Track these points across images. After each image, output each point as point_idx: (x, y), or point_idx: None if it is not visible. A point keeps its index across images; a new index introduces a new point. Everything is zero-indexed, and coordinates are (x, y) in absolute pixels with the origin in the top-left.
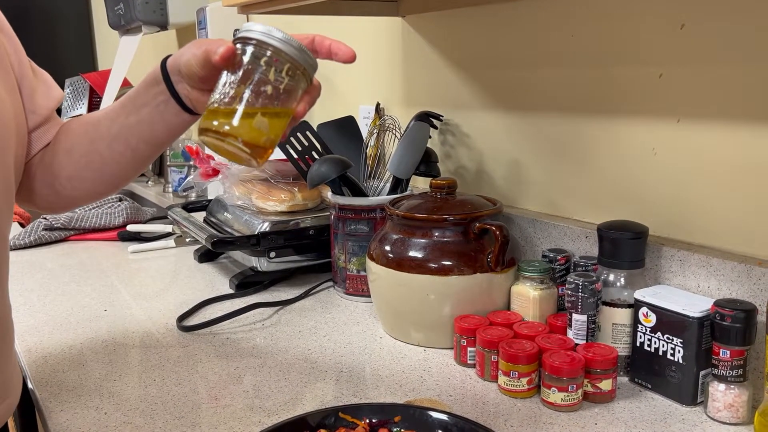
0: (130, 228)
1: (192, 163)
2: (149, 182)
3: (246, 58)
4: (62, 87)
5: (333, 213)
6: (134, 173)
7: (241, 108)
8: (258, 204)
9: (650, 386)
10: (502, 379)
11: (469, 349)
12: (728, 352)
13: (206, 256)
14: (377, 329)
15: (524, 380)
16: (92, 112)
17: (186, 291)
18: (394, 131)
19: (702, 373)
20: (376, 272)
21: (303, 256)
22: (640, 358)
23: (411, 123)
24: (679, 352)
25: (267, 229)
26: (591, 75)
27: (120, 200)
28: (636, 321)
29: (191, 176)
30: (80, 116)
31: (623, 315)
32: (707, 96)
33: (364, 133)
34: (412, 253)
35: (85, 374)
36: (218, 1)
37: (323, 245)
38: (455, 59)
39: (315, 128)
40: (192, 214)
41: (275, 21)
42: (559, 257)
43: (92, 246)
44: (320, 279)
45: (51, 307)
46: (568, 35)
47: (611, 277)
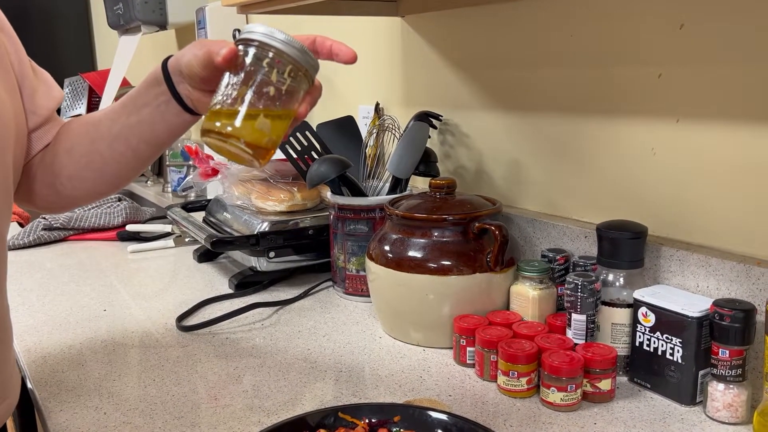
0: (130, 228)
1: (191, 163)
2: (148, 182)
3: (248, 60)
4: (61, 87)
5: (332, 213)
6: (135, 173)
7: (244, 109)
8: (257, 204)
9: (649, 386)
10: (502, 379)
11: (469, 349)
12: (727, 352)
13: (205, 256)
14: (376, 329)
15: (523, 380)
16: (93, 112)
17: (185, 291)
18: (394, 131)
19: (701, 373)
20: (376, 272)
21: (302, 256)
22: (640, 358)
23: (410, 123)
24: (678, 352)
25: (266, 229)
26: (590, 75)
27: (119, 200)
28: (635, 321)
29: (190, 176)
30: (81, 116)
31: (622, 315)
32: (706, 96)
33: (364, 133)
34: (412, 253)
35: (85, 374)
36: (217, 1)
37: (322, 245)
38: (454, 59)
39: (314, 128)
40: (191, 214)
41: (275, 21)
42: (559, 257)
43: (91, 246)
44: (319, 279)
45: (50, 307)
46: (568, 35)
47: (610, 277)
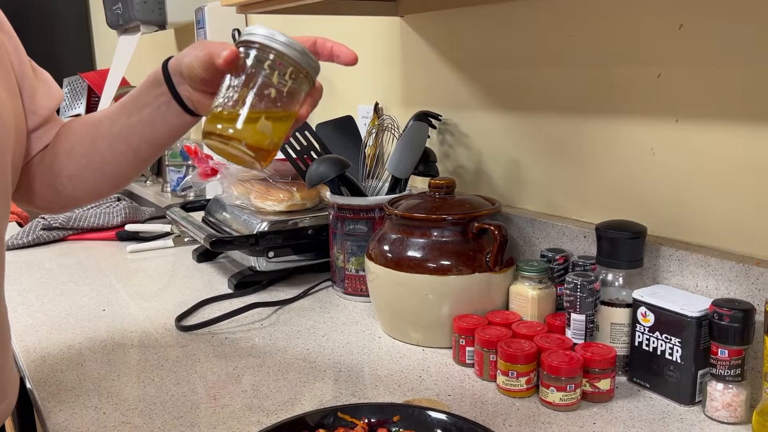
0: (129, 228)
1: (190, 163)
2: (147, 182)
3: (249, 62)
4: (60, 86)
5: (331, 213)
6: (135, 173)
7: (245, 111)
8: (256, 204)
9: (648, 386)
10: (501, 379)
11: (468, 349)
12: (726, 352)
13: (205, 256)
14: (376, 329)
15: (523, 380)
16: (93, 113)
17: (184, 291)
18: (393, 131)
19: (700, 373)
20: (375, 272)
21: (301, 256)
22: (639, 358)
23: (410, 123)
24: (678, 352)
25: (265, 229)
26: (590, 75)
27: (118, 200)
28: (634, 320)
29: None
30: (81, 116)
31: (621, 314)
32: (706, 96)
33: (363, 133)
34: (411, 253)
35: (84, 374)
36: (217, 1)
37: (322, 245)
38: (454, 59)
39: (314, 128)
40: (190, 214)
41: (274, 20)
42: (558, 257)
43: (90, 246)
44: (319, 279)
45: (49, 307)
46: (567, 35)
47: (609, 277)
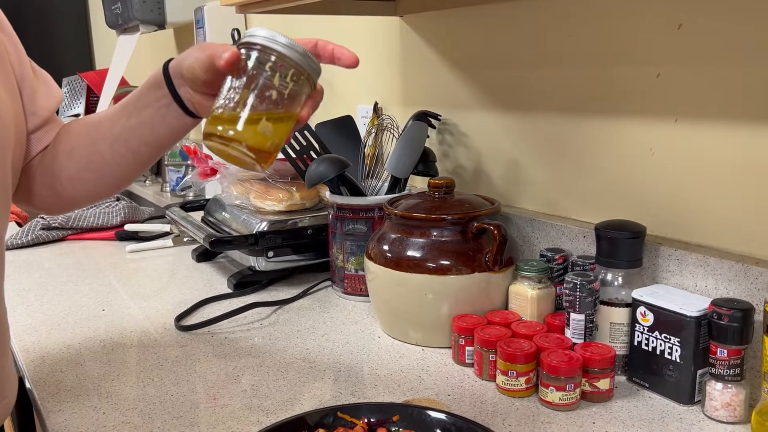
0: (128, 227)
1: (190, 163)
2: (147, 181)
3: (250, 63)
4: (60, 86)
5: (331, 212)
6: (135, 174)
7: (246, 113)
8: (256, 203)
9: (648, 385)
10: (500, 379)
11: (468, 349)
12: (725, 351)
13: (204, 256)
14: (375, 329)
15: (522, 379)
16: (94, 114)
17: (184, 290)
18: (392, 131)
19: (699, 372)
20: (375, 272)
21: (301, 256)
22: (638, 358)
23: (409, 122)
24: (677, 351)
25: (265, 229)
26: (589, 75)
27: (117, 200)
28: (633, 320)
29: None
30: (81, 117)
31: (621, 314)
32: (705, 96)
33: (362, 133)
34: (410, 253)
35: (83, 374)
36: (216, 1)
37: (321, 245)
38: (453, 59)
39: (313, 128)
40: (190, 214)
41: (273, 20)
42: (557, 257)
43: (90, 245)
44: (318, 278)
45: (48, 307)
46: (566, 35)
47: (609, 277)
